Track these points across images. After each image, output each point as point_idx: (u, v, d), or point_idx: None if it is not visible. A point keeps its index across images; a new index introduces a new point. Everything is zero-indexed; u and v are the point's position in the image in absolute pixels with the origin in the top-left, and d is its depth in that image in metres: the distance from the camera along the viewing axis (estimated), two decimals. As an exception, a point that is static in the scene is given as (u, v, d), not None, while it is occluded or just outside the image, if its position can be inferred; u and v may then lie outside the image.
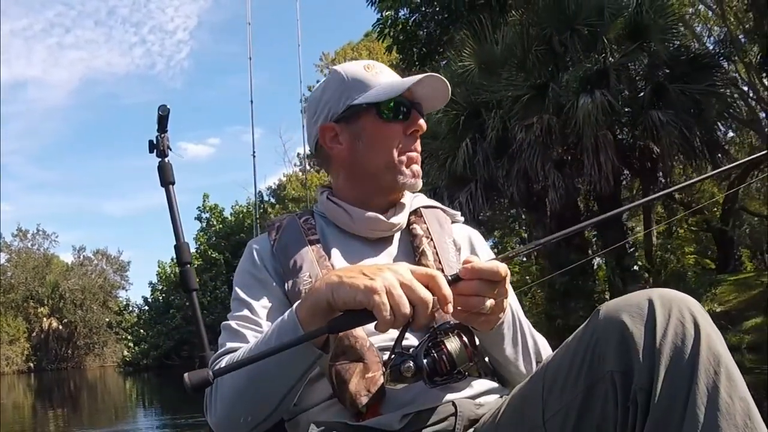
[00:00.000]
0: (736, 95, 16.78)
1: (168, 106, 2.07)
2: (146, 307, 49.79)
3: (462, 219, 1.77)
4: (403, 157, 1.58)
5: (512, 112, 13.82)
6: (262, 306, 1.49)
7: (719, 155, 14.78)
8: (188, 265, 2.11)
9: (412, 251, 1.59)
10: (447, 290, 1.14)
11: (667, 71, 14.33)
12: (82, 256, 58.33)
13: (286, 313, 1.28)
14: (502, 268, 1.25)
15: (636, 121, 13.77)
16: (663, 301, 1.07)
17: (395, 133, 1.57)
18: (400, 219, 1.63)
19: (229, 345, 1.45)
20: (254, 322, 1.47)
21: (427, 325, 1.18)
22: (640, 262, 15.95)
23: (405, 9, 20.42)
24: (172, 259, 47.15)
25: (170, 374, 38.38)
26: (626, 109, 14.19)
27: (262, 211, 40.22)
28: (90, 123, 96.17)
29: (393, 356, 1.20)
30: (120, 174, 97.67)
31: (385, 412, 1.34)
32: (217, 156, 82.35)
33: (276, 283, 1.54)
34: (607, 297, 15.38)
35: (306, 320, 1.22)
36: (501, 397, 1.45)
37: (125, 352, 50.07)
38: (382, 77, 1.59)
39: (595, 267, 17.68)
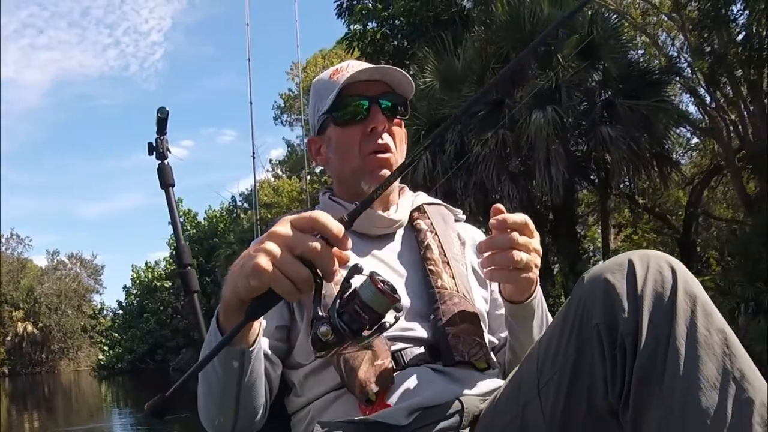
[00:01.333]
0: (689, 106, 17.60)
1: (167, 108, 2.08)
2: (120, 312, 49.92)
3: (464, 217, 1.79)
4: (367, 162, 1.57)
5: (470, 127, 14.50)
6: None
7: (667, 166, 15.60)
8: (189, 267, 2.13)
9: (416, 245, 1.60)
10: (334, 225, 1.03)
11: (620, 86, 15.14)
12: (56, 260, 58.33)
13: (213, 320, 1.25)
14: (527, 218, 1.32)
15: (588, 135, 14.52)
16: (641, 256, 1.14)
17: (353, 136, 1.57)
18: (401, 215, 1.64)
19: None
20: None
21: (334, 271, 1.06)
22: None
23: (373, 21, 21.06)
24: (146, 264, 48.22)
25: (144, 378, 39.04)
26: (582, 122, 14.90)
27: (234, 216, 40.64)
28: (64, 124, 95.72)
29: (313, 323, 1.09)
30: (94, 176, 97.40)
31: (394, 402, 1.36)
32: (191, 158, 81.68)
33: None
34: (563, 300, 16.01)
35: (226, 323, 1.19)
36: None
37: (100, 356, 50.21)
38: (343, 78, 1.55)
39: (555, 272, 18.46)
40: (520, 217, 1.31)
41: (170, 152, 2.12)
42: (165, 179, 2.10)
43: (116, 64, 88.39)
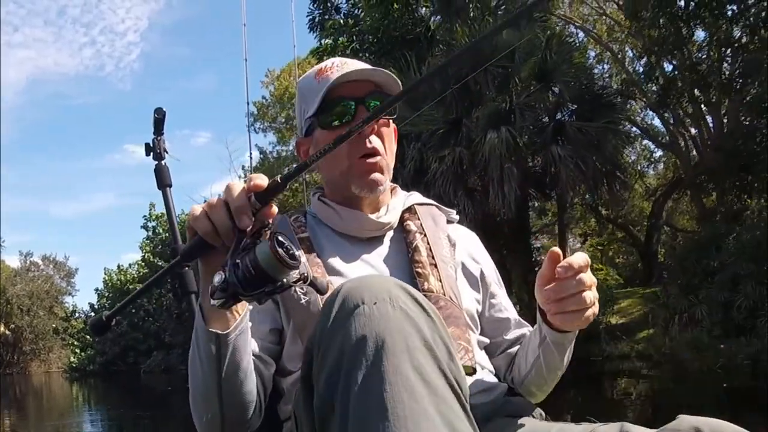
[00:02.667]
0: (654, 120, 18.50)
1: (164, 109, 2.06)
2: (92, 314, 48.66)
3: (457, 218, 1.75)
4: (355, 166, 1.54)
5: (429, 144, 15.29)
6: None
7: (617, 183, 16.49)
8: (187, 268, 1.98)
9: (405, 248, 1.56)
10: (255, 176, 1.07)
11: (573, 108, 16.03)
12: (28, 261, 58.25)
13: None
14: (587, 257, 1.24)
15: (541, 154, 15.38)
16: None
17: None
18: (390, 218, 1.60)
19: None
20: None
21: (243, 213, 1.06)
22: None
23: (344, 36, 21.76)
24: (118, 267, 48.26)
25: (116, 380, 39.10)
26: (537, 140, 15.72)
27: None
28: (38, 123, 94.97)
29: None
30: (68, 176, 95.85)
31: None
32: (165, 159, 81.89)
33: None
34: (517, 308, 16.77)
35: (203, 294, 1.21)
36: (499, 397, 1.46)
37: (72, 358, 50.18)
38: (327, 80, 1.53)
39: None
40: (583, 259, 1.24)
41: (167, 153, 2.07)
42: (162, 180, 2.05)
43: (92, 63, 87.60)
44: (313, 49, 23.91)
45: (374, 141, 1.54)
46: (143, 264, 44.90)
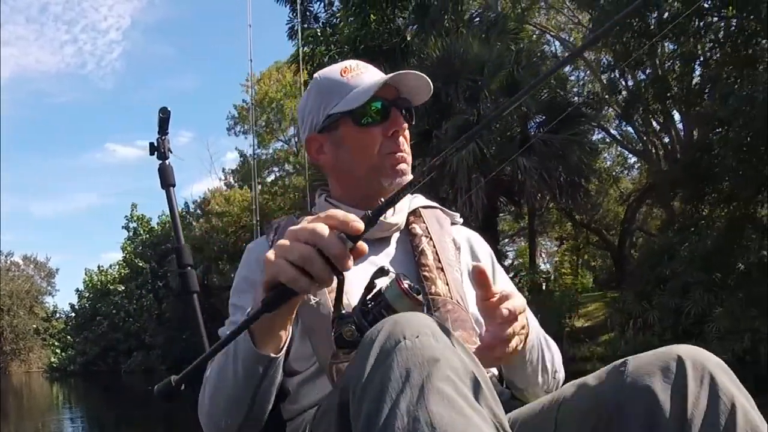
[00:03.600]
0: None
1: (169, 108, 2.03)
2: (73, 314, 50.16)
3: (461, 220, 1.75)
4: (386, 160, 1.54)
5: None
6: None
7: (581, 192, 17.19)
8: (189, 268, 2.06)
9: (411, 250, 1.56)
10: (343, 215, 1.03)
11: (543, 118, 16.71)
12: (9, 261, 58.15)
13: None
14: (521, 301, 1.28)
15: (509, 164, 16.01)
16: (694, 362, 1.07)
17: (374, 137, 1.54)
18: (398, 219, 1.60)
19: None
20: None
21: (345, 258, 1.01)
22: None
23: (322, 45, 22.08)
24: (98, 267, 48.23)
25: (96, 380, 39.25)
26: (505, 151, 16.33)
27: (187, 221, 41.08)
28: (19, 121, 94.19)
29: (335, 321, 1.10)
30: (49, 174, 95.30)
31: None
32: (146, 158, 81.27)
33: None
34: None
35: (254, 327, 1.18)
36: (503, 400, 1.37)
37: (52, 358, 50.23)
38: (360, 79, 1.56)
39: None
40: (521, 305, 1.28)
41: (171, 152, 2.07)
42: (166, 179, 2.04)
43: (73, 61, 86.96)
44: (290, 59, 24.36)
45: (403, 140, 1.56)
46: (124, 265, 45.19)
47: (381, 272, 1.10)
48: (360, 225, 1.01)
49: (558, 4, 25.79)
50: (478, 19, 19.96)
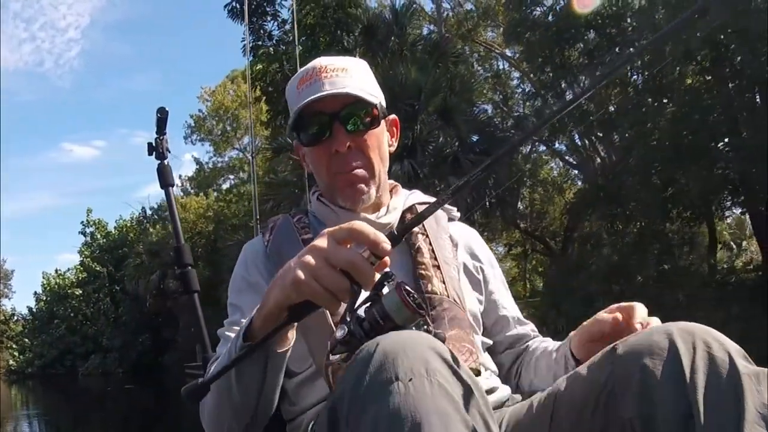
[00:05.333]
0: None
1: (167, 109, 2.00)
2: (31, 317, 50.14)
3: (458, 215, 1.72)
4: (336, 181, 1.52)
5: None
6: (253, 310, 1.28)
7: (509, 209, 18.67)
8: (189, 267, 2.04)
9: (407, 248, 1.52)
10: (372, 233, 1.03)
11: (475, 139, 18.11)
12: (-36, 263, 57.63)
13: (242, 326, 1.22)
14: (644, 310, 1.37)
15: (441, 184, 17.34)
16: (684, 335, 1.05)
17: (320, 157, 1.52)
18: (391, 219, 1.56)
19: (220, 351, 1.45)
20: None
21: (372, 282, 1.04)
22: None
23: (276, 64, 22.79)
24: (56, 270, 48.40)
25: (54, 382, 39.49)
26: (437, 171, 17.70)
27: (144, 226, 41.62)
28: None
29: (337, 326, 1.09)
30: (4, 173, 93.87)
31: None
32: (102, 158, 79.26)
33: (268, 285, 1.30)
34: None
35: (261, 329, 1.16)
36: (503, 398, 1.45)
37: (10, 361, 50.03)
38: (308, 90, 1.48)
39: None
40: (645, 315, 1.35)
41: (170, 152, 2.04)
42: (165, 179, 2.02)
43: (31, 59, 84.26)
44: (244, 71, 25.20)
45: (353, 156, 1.50)
46: (81, 269, 45.42)
47: (386, 277, 1.06)
48: (388, 247, 1.02)
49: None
50: (421, 42, 21.10)
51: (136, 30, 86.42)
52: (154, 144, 2.05)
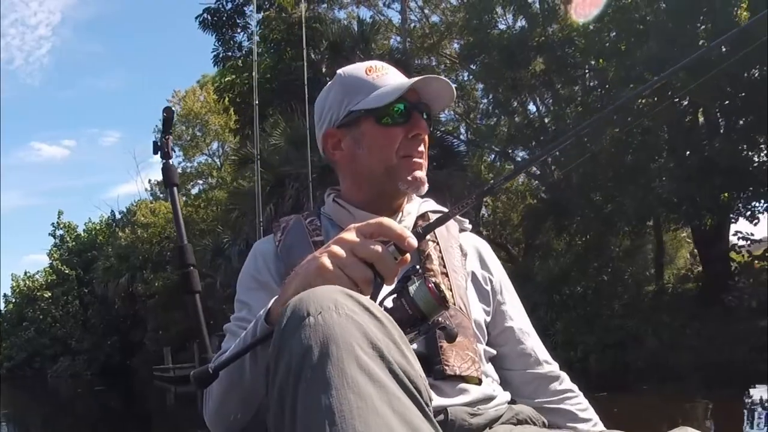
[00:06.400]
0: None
1: (173, 108, 2.03)
2: None
3: (470, 227, 1.72)
4: (403, 162, 1.53)
5: (305, 184, 17.65)
6: (262, 308, 1.30)
7: (473, 214, 19.52)
8: (192, 267, 1.97)
9: (417, 254, 1.50)
10: (399, 228, 1.07)
11: (432, 153, 18.95)
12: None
13: (259, 315, 1.22)
14: None
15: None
16: None
17: (394, 137, 1.52)
18: (407, 223, 1.58)
19: (226, 346, 1.42)
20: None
21: (395, 276, 1.08)
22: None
23: (243, 74, 22.89)
24: (25, 273, 48.35)
25: (23, 384, 39.24)
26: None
27: (113, 229, 41.78)
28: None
29: None
30: None
31: None
32: (72, 158, 79.86)
33: (277, 285, 1.48)
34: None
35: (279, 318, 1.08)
36: (502, 405, 1.45)
37: (-21, 363, 50.13)
38: (384, 80, 1.55)
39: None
40: None
41: (174, 152, 2.01)
42: (170, 179, 2.00)
43: (1, 56, 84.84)
44: (213, 87, 25.74)
45: (422, 144, 1.55)
46: (51, 271, 45.58)
47: (412, 270, 1.11)
48: (414, 242, 1.06)
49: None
50: (386, 56, 21.60)
51: (108, 28, 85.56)
52: (159, 143, 2.00)
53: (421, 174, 1.54)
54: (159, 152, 1.95)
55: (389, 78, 1.56)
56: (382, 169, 1.54)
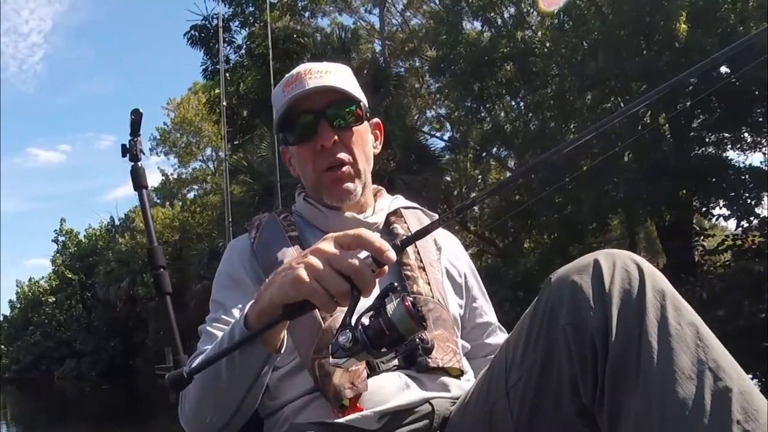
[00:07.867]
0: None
1: (141, 110, 1.99)
2: (6, 325, 51.04)
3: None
4: (325, 176, 1.53)
5: (283, 194, 18.80)
6: (237, 307, 1.41)
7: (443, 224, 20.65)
8: (162, 269, 1.98)
9: (395, 263, 1.33)
10: (378, 241, 1.04)
11: (412, 158, 19.99)
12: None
13: (236, 320, 1.23)
14: None
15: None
16: (606, 255, 1.10)
17: (306, 155, 1.53)
18: (377, 219, 1.59)
19: (202, 348, 1.42)
20: (228, 324, 1.40)
21: (372, 288, 1.06)
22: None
23: (231, 87, 23.98)
24: (30, 279, 49.17)
25: (30, 386, 40.53)
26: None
27: (113, 234, 42.06)
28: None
29: (338, 330, 1.08)
30: None
31: (366, 407, 1.33)
32: (68, 163, 79.66)
33: (253, 283, 1.48)
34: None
35: (255, 324, 1.16)
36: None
37: (-13, 367, 50.73)
38: (294, 92, 1.50)
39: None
40: None
41: (144, 154, 1.97)
42: (138, 181, 1.95)
43: None
44: (205, 88, 26.61)
45: (338, 151, 1.52)
46: (54, 276, 46.27)
47: (390, 289, 1.08)
48: (393, 256, 1.03)
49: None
50: (366, 67, 22.59)
51: (99, 33, 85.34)
52: (128, 146, 1.98)
53: (348, 185, 1.54)
54: (128, 155, 1.96)
55: (299, 87, 1.52)
56: (311, 185, 1.59)
